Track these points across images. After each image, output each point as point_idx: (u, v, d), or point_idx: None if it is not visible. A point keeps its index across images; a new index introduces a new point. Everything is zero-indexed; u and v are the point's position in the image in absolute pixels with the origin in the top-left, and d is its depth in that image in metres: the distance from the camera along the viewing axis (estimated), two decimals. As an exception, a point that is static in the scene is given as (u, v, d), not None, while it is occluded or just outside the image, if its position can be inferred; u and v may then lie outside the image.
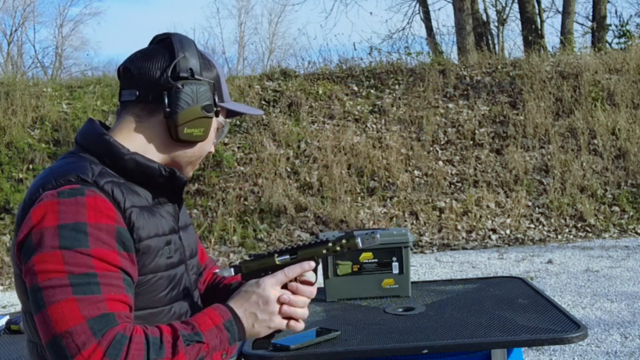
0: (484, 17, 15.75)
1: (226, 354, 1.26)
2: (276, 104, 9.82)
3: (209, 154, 1.40)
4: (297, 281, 1.28)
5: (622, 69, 10.16)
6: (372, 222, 8.21)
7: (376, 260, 2.39)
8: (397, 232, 2.41)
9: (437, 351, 1.84)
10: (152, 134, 1.30)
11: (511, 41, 22.86)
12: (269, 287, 1.24)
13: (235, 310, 1.23)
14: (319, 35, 46.73)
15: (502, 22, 17.30)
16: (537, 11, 14.88)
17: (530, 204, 8.53)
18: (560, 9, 15.36)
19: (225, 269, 1.29)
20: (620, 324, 4.54)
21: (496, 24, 17.21)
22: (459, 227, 8.18)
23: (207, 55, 1.36)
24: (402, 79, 10.28)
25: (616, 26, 13.25)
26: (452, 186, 8.81)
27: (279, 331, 1.28)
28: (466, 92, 10.10)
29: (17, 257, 1.17)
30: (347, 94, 10.10)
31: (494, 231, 8.14)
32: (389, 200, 8.62)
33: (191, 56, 1.30)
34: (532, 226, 8.22)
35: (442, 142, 9.40)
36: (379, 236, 1.29)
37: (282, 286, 1.26)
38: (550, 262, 6.70)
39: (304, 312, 1.28)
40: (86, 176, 1.19)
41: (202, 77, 1.31)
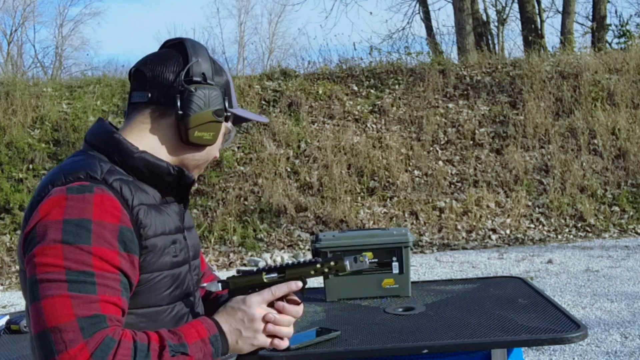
0: (484, 17, 15.75)
1: None
2: (276, 104, 9.81)
3: (214, 159, 1.41)
4: (284, 300, 1.29)
5: (622, 69, 10.16)
6: (372, 222, 8.21)
7: (376, 260, 2.39)
8: (397, 232, 2.41)
9: (437, 351, 1.84)
10: (162, 135, 1.31)
11: (511, 41, 22.91)
12: (255, 305, 1.25)
13: (221, 325, 1.23)
14: (319, 35, 46.72)
15: (502, 22, 17.30)
16: (537, 11, 14.88)
17: (530, 203, 8.53)
18: (560, 9, 15.37)
19: (212, 284, 1.30)
20: (620, 324, 4.54)
21: (496, 24, 17.22)
22: (459, 227, 8.18)
23: (217, 61, 1.38)
24: (402, 79, 10.28)
25: (616, 26, 13.26)
26: (452, 186, 8.81)
27: (262, 349, 1.28)
28: (466, 92, 10.10)
29: (22, 251, 1.18)
30: (347, 94, 10.09)
31: (494, 231, 8.14)
32: (389, 200, 8.62)
33: (204, 61, 1.32)
34: (532, 226, 8.22)
35: (442, 142, 9.40)
36: (367, 259, 1.30)
37: (269, 304, 1.27)
38: (550, 262, 6.70)
39: (288, 331, 1.29)
40: (95, 173, 1.20)
41: (214, 82, 1.33)
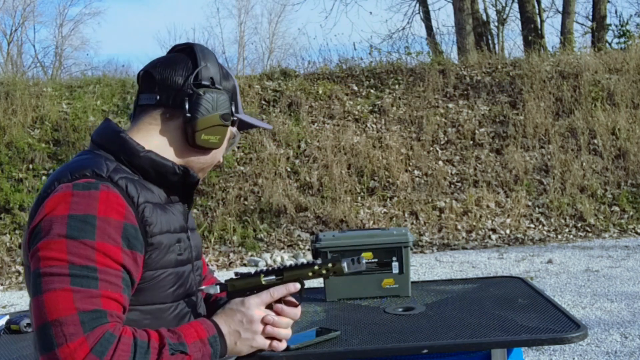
0: (484, 17, 15.75)
1: None
2: (276, 103, 9.81)
3: (218, 163, 1.43)
4: (282, 302, 1.29)
5: (622, 68, 10.16)
6: (372, 222, 8.21)
7: (376, 260, 2.39)
8: (397, 232, 2.41)
9: (437, 351, 1.84)
10: (169, 137, 1.33)
11: (511, 41, 22.91)
12: (254, 306, 1.26)
13: (220, 327, 1.24)
14: (319, 35, 46.74)
15: (502, 22, 17.30)
16: (537, 11, 14.88)
17: (530, 203, 8.53)
18: (560, 9, 15.36)
19: (211, 287, 1.31)
20: (620, 323, 4.54)
21: (496, 24, 17.22)
22: (459, 227, 8.18)
23: (225, 66, 1.40)
24: (402, 79, 10.28)
25: (616, 26, 13.26)
26: (452, 186, 8.81)
27: (261, 350, 1.29)
28: (466, 92, 10.10)
29: (27, 246, 1.18)
30: (347, 94, 10.09)
31: (494, 231, 8.14)
32: (389, 200, 8.62)
33: (212, 66, 1.34)
34: (532, 226, 8.22)
35: (442, 142, 9.40)
36: (364, 261, 1.31)
37: (267, 306, 1.28)
38: (550, 262, 6.70)
39: (287, 332, 1.30)
40: (101, 171, 1.21)
41: (222, 87, 1.35)
